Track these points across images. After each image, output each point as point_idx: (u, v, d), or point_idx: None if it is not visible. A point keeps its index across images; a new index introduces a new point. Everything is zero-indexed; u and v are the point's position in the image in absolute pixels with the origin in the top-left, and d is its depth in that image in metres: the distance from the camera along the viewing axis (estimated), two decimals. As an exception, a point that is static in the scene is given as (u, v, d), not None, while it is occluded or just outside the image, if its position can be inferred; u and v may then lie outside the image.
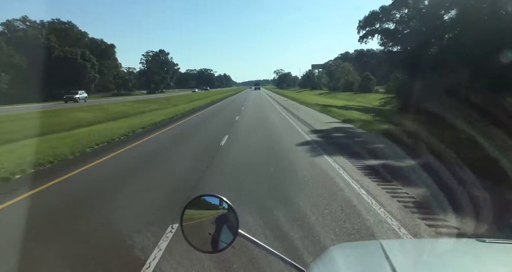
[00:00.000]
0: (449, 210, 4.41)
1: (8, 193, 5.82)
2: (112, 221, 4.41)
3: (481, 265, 1.09)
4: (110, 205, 5.11)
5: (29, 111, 23.59)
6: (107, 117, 21.03)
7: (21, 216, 4.70)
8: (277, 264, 3.03)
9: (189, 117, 21.10)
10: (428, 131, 9.58)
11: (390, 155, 8.23)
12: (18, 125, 15.39)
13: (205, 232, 1.23)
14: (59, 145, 9.88)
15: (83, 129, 15.10)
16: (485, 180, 5.38)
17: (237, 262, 3.23)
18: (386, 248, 1.15)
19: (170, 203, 5.08)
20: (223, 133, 12.45)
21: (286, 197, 5.23)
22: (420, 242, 2.01)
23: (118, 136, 12.43)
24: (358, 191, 5.47)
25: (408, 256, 1.23)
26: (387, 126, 12.78)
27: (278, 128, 14.58)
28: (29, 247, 3.72)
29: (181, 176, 6.77)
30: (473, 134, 8.35)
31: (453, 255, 1.19)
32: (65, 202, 5.34)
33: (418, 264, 1.13)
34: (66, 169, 7.43)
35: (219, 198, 1.27)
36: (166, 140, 12.09)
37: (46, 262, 3.46)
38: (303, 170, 6.89)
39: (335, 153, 8.57)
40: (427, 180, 5.77)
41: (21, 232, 4.07)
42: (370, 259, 1.18)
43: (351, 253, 1.29)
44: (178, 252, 3.45)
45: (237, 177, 6.61)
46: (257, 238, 1.22)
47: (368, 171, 6.70)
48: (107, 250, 3.59)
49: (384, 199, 5.02)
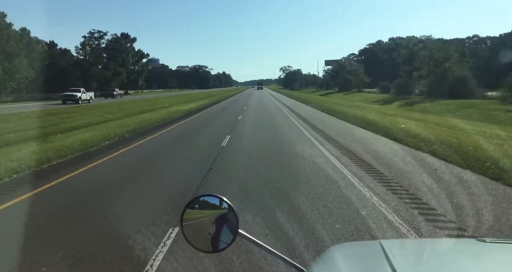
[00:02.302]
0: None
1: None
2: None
3: (481, 265, 1.09)
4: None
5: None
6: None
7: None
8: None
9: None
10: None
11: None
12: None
13: (205, 232, 1.23)
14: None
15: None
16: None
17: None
18: (386, 248, 1.15)
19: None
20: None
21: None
22: (420, 242, 2.02)
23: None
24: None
25: (408, 256, 1.24)
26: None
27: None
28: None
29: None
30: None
31: (453, 255, 1.19)
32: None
33: (418, 264, 1.13)
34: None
35: (219, 198, 1.27)
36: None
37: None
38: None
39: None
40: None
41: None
42: (370, 259, 1.18)
43: (351, 253, 1.29)
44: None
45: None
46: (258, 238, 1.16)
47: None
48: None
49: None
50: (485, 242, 1.21)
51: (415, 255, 1.25)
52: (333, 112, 20.41)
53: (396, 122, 14.60)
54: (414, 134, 10.63)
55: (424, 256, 1.23)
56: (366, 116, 16.83)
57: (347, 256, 1.22)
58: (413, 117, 19.14)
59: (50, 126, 14.61)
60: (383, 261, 1.04)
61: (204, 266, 3.20)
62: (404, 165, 7.10)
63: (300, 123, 15.71)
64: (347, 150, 8.89)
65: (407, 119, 16.56)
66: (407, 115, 20.47)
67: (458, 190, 5.34)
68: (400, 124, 13.59)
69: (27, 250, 3.57)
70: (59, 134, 12.09)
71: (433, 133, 10.69)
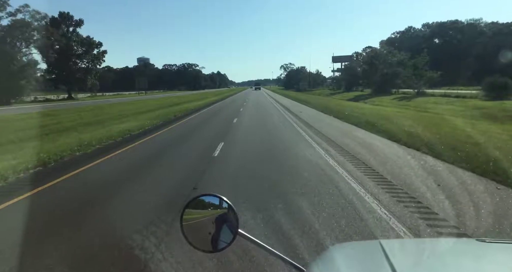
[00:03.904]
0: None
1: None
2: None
3: (481, 265, 1.10)
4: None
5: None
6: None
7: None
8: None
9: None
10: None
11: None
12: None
13: (205, 232, 1.23)
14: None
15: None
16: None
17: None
18: (386, 247, 1.15)
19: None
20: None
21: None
22: (420, 242, 2.03)
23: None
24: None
25: (408, 256, 1.24)
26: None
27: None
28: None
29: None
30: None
31: (453, 255, 1.19)
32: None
33: (418, 264, 1.13)
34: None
35: (219, 197, 1.27)
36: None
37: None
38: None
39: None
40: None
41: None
42: (370, 259, 1.18)
43: (351, 252, 1.29)
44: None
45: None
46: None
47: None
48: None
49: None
50: (485, 242, 1.21)
51: (415, 255, 1.25)
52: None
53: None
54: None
55: (423, 256, 1.24)
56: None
57: (347, 256, 1.22)
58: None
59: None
60: (383, 261, 1.04)
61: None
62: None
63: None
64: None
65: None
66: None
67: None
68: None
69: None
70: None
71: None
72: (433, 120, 15.31)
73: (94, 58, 60.56)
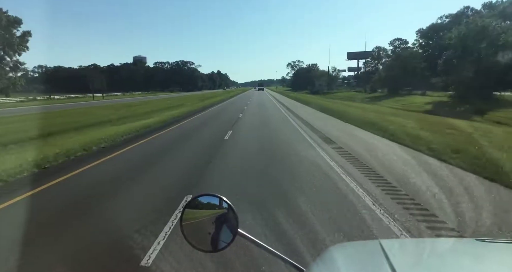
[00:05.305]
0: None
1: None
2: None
3: (481, 265, 1.10)
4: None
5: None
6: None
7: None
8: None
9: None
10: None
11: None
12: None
13: (205, 232, 1.23)
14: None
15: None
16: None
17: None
18: (386, 247, 1.15)
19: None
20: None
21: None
22: (420, 242, 2.03)
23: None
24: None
25: (407, 256, 1.24)
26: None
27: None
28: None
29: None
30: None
31: (453, 255, 1.19)
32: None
33: (418, 264, 1.13)
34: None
35: (219, 197, 1.27)
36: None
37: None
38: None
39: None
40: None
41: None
42: (370, 259, 1.18)
43: (351, 252, 1.29)
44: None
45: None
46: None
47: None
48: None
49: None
50: (485, 242, 1.21)
51: (414, 255, 1.25)
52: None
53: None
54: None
55: (423, 255, 1.23)
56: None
57: (347, 256, 1.22)
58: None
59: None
60: (383, 261, 1.03)
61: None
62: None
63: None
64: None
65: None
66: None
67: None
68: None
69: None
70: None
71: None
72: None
73: (19, 44, 38.38)
